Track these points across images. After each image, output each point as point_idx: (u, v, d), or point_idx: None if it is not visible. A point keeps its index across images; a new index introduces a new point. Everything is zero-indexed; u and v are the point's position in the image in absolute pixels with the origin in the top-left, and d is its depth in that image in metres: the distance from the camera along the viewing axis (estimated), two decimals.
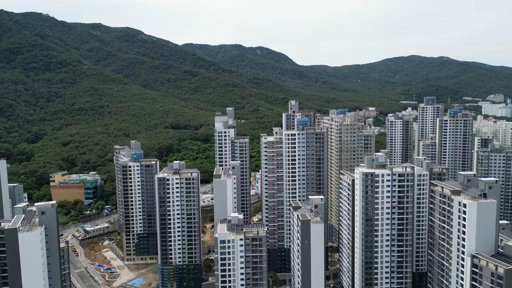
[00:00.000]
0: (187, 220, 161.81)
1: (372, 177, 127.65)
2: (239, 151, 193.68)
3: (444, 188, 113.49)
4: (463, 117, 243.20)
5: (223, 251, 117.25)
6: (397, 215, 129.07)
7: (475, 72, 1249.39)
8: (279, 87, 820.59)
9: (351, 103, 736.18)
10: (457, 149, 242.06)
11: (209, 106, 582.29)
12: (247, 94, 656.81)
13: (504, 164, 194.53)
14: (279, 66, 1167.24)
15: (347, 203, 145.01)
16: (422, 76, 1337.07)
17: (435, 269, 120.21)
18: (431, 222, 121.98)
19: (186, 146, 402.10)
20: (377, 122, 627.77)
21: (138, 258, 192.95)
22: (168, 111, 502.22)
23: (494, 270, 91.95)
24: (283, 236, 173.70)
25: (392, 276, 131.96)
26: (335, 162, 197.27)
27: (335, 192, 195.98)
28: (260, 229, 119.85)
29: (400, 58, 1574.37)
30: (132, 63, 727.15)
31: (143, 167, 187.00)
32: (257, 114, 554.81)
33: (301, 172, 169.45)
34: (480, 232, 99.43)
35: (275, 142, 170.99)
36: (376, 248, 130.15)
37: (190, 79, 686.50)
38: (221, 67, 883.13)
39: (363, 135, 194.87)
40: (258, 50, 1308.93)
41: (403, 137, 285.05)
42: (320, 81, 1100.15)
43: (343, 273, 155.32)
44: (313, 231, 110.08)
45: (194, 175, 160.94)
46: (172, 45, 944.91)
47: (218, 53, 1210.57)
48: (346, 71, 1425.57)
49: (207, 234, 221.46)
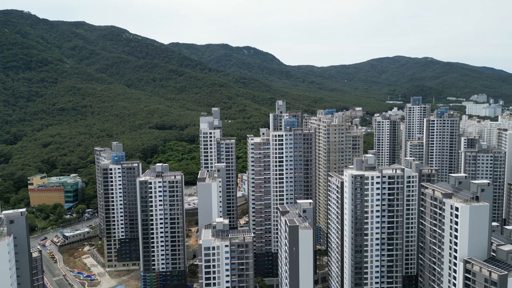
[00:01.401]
0: (171, 224, 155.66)
1: (361, 179, 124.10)
2: (225, 152, 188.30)
3: (435, 191, 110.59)
4: (450, 117, 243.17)
5: (207, 258, 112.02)
6: (387, 218, 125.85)
7: (458, 72, 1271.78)
8: (266, 87, 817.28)
9: (338, 103, 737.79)
10: (444, 150, 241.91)
11: (195, 106, 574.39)
12: (234, 94, 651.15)
13: (491, 165, 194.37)
14: (266, 66, 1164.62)
15: (335, 206, 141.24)
16: (407, 76, 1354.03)
17: (426, 273, 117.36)
18: (422, 226, 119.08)
19: (172, 147, 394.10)
20: (364, 122, 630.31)
21: (120, 265, 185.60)
22: (153, 111, 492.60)
23: (487, 276, 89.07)
24: (270, 240, 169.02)
25: (382, 280, 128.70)
26: (323, 163, 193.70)
27: (323, 194, 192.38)
28: (246, 235, 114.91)
29: (386, 59, 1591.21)
30: (116, 62, 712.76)
31: (125, 170, 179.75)
32: (244, 114, 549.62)
33: (288, 174, 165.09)
34: (473, 236, 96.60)
35: (262, 143, 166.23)
36: (366, 251, 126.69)
37: (176, 78, 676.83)
38: (208, 66, 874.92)
39: (351, 135, 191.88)
40: (245, 50, 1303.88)
41: (390, 138, 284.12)
42: (307, 81, 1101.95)
43: (332, 277, 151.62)
44: (302, 237, 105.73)
45: (177, 178, 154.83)
46: (158, 44, 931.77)
47: (205, 52, 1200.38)
48: (332, 71, 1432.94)
49: (192, 238, 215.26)
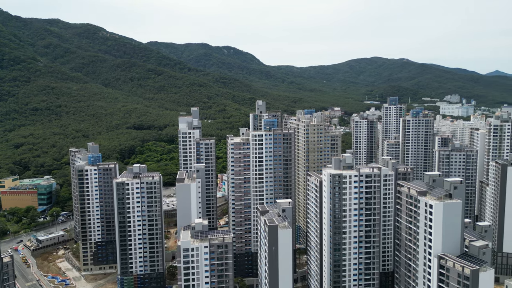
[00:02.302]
0: (149, 226, 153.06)
1: (339, 178, 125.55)
2: (204, 152, 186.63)
3: (410, 189, 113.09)
4: (425, 117, 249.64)
5: (186, 260, 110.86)
6: (364, 216, 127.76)
7: (433, 73, 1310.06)
8: (246, 87, 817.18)
9: (317, 103, 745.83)
10: (419, 149, 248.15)
11: (174, 105, 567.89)
12: (214, 93, 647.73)
13: (464, 163, 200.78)
14: (246, 66, 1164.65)
15: (315, 204, 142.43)
16: (384, 77, 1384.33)
17: (402, 270, 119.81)
18: (398, 223, 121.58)
19: (150, 147, 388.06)
20: (342, 122, 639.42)
21: (96, 268, 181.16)
22: (131, 111, 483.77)
23: (460, 271, 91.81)
24: (250, 240, 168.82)
25: (360, 277, 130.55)
26: (302, 162, 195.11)
27: (302, 193, 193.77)
28: (226, 236, 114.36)
29: (364, 60, 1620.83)
30: (92, 61, 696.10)
31: (101, 171, 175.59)
32: (224, 114, 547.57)
33: (268, 173, 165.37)
34: (446, 232, 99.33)
35: (242, 143, 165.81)
36: (344, 249, 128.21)
37: (155, 78, 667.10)
38: (187, 66, 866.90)
39: (329, 135, 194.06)
40: (225, 50, 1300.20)
41: (368, 137, 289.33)
42: (287, 81, 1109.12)
43: (311, 275, 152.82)
44: (281, 237, 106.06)
45: (156, 179, 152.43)
46: (136, 43, 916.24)
47: (184, 52, 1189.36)
48: (312, 71, 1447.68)
49: (171, 239, 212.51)
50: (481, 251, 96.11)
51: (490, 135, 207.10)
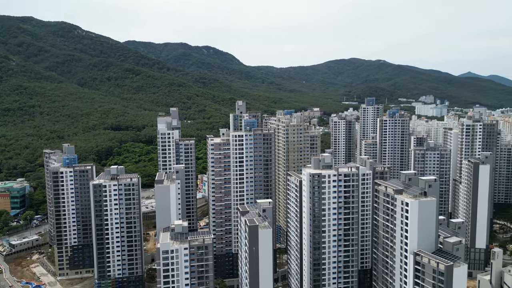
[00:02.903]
0: (127, 229, 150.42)
1: (319, 178, 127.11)
2: (184, 153, 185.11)
3: (387, 188, 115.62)
4: (401, 117, 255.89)
5: (166, 262, 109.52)
6: (343, 215, 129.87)
7: (408, 75, 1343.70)
8: (226, 87, 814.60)
9: (297, 103, 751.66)
10: (396, 148, 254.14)
11: (153, 106, 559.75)
12: (193, 94, 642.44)
13: (438, 162, 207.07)
14: (226, 66, 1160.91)
15: (294, 204, 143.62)
16: (362, 78, 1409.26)
17: (379, 267, 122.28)
18: (376, 221, 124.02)
19: (128, 148, 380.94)
20: (321, 122, 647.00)
21: (73, 273, 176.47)
22: (108, 111, 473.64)
23: (435, 267, 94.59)
24: (230, 240, 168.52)
25: (339, 275, 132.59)
26: (282, 162, 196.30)
27: (283, 193, 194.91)
28: (206, 237, 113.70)
29: (342, 61, 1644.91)
30: (67, 60, 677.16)
31: (77, 173, 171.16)
32: (204, 115, 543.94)
33: (249, 174, 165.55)
34: (422, 230, 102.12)
35: (222, 144, 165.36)
36: (324, 248, 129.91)
37: (133, 77, 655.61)
38: (166, 65, 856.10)
39: (309, 135, 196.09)
40: (205, 50, 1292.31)
41: (346, 137, 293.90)
42: (267, 81, 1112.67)
43: (291, 274, 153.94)
44: (261, 237, 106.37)
45: (134, 180, 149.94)
46: (113, 42, 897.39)
47: (163, 51, 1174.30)
48: (291, 72, 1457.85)
49: (150, 242, 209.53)
50: (455, 247, 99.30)
51: (463, 135, 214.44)
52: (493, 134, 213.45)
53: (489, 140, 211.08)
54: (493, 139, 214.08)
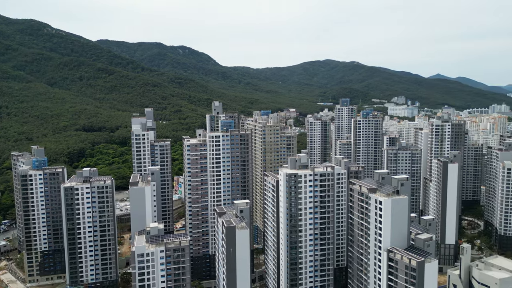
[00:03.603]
0: (101, 232, 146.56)
1: (295, 178, 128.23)
2: (159, 154, 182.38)
3: (361, 187, 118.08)
4: (374, 118, 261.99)
5: (141, 266, 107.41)
6: (319, 214, 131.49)
7: (381, 76, 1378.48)
8: (202, 87, 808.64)
9: (273, 104, 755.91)
10: (369, 148, 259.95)
11: (127, 106, 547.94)
12: (168, 94, 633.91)
13: (410, 161, 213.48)
14: (202, 66, 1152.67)
15: (271, 204, 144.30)
16: (337, 79, 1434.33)
17: (354, 265, 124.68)
18: (351, 220, 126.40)
19: (101, 150, 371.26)
20: (297, 122, 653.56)
21: (43, 279, 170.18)
22: (80, 112, 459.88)
23: (408, 263, 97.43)
24: (207, 242, 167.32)
25: (315, 274, 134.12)
26: (259, 163, 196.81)
27: (260, 194, 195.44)
28: (182, 239, 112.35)
29: (317, 62, 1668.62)
30: (36, 59, 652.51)
31: (47, 176, 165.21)
32: (180, 115, 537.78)
33: (226, 175, 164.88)
34: (395, 227, 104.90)
35: (199, 145, 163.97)
36: (301, 247, 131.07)
37: (106, 77, 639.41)
38: (140, 65, 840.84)
39: (285, 136, 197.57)
40: (180, 49, 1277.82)
41: (321, 137, 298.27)
42: (243, 82, 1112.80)
43: (268, 274, 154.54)
44: (238, 238, 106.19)
45: (107, 182, 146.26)
46: (84, 41, 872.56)
47: (137, 51, 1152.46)
48: (268, 73, 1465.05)
49: (125, 245, 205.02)
50: (426, 244, 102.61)
51: (433, 135, 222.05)
52: (461, 134, 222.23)
53: (457, 139, 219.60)
54: (461, 139, 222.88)
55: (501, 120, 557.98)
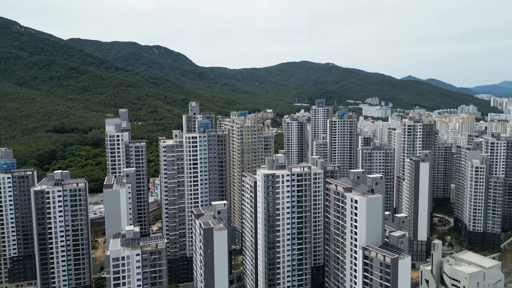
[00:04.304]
0: (73, 237, 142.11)
1: (273, 178, 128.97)
2: (134, 156, 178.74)
3: (337, 186, 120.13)
4: (349, 118, 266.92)
5: (116, 270, 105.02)
6: (296, 214, 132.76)
7: (356, 77, 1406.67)
8: (178, 87, 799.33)
9: (251, 105, 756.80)
10: (345, 148, 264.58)
11: (100, 107, 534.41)
12: (144, 94, 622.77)
13: (383, 160, 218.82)
14: (178, 67, 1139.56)
15: (249, 205, 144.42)
16: (313, 80, 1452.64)
17: (331, 263, 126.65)
18: (327, 219, 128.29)
19: (73, 152, 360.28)
20: (275, 123, 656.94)
21: (12, 286, 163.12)
22: (51, 112, 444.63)
23: (382, 260, 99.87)
24: (185, 244, 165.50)
25: (293, 273, 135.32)
26: (237, 164, 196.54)
27: (238, 194, 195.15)
28: (159, 241, 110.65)
29: (294, 63, 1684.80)
30: (4, 58, 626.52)
31: (16, 179, 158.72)
32: (156, 116, 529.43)
33: (203, 176, 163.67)
34: (370, 225, 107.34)
35: (175, 146, 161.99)
36: (278, 247, 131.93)
37: (78, 77, 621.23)
38: (114, 65, 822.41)
39: (263, 136, 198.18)
40: (155, 49, 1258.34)
41: (298, 138, 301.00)
42: (220, 83, 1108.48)
43: (246, 275, 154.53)
44: (216, 239, 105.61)
45: (80, 185, 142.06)
46: (55, 40, 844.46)
47: (111, 50, 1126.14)
48: (244, 73, 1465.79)
49: (99, 249, 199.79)
50: (399, 241, 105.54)
51: (405, 135, 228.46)
52: (432, 134, 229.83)
53: (428, 139, 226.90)
54: (432, 139, 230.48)
55: (469, 121, 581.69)
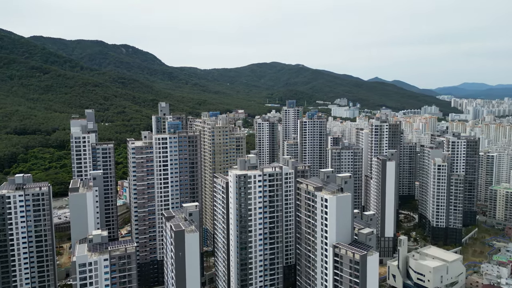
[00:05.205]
0: (37, 243, 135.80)
1: (245, 178, 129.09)
2: (102, 158, 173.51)
3: (308, 185, 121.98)
4: (319, 119, 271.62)
5: (83, 276, 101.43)
6: (268, 214, 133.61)
7: (325, 79, 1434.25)
8: (147, 88, 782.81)
9: (222, 105, 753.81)
10: (315, 148, 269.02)
11: (65, 107, 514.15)
12: (111, 94, 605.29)
13: (352, 159, 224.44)
14: (147, 66, 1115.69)
15: (221, 206, 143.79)
16: (283, 81, 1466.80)
17: (302, 261, 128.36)
18: (298, 218, 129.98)
19: (36, 154, 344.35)
20: (246, 124, 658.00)
21: None
22: (11, 113, 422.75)
23: (352, 257, 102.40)
24: (155, 248, 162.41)
25: (265, 273, 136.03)
26: (208, 165, 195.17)
27: (209, 196, 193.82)
28: (128, 245, 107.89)
29: (264, 64, 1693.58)
30: None
31: None
32: (124, 117, 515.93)
33: (174, 178, 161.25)
34: (340, 223, 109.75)
35: (145, 147, 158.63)
36: (251, 248, 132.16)
37: (40, 76, 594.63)
38: (79, 64, 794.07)
39: (234, 137, 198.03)
40: (123, 48, 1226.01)
41: (270, 138, 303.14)
42: (191, 83, 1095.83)
43: (219, 277, 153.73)
44: (188, 241, 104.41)
45: (44, 189, 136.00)
46: (16, 37, 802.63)
47: (76, 49, 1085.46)
48: (215, 74, 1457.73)
49: (65, 255, 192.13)
50: (368, 238, 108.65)
51: (372, 134, 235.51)
52: (397, 134, 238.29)
53: (394, 139, 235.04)
54: (397, 138, 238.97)
55: (431, 121, 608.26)
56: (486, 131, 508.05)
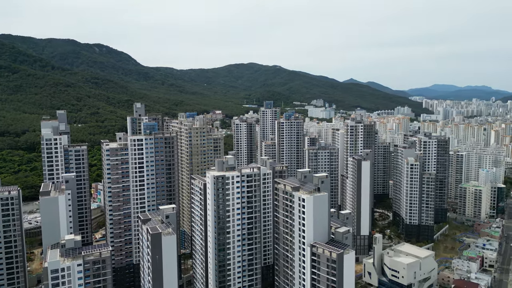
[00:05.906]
0: (6, 249, 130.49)
1: (223, 179, 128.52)
2: (75, 160, 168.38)
3: (286, 185, 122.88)
4: (296, 120, 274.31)
5: (55, 282, 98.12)
6: (247, 215, 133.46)
7: (302, 80, 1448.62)
8: (122, 88, 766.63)
9: (199, 106, 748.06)
10: (292, 148, 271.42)
11: (35, 108, 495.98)
12: (84, 95, 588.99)
13: (328, 159, 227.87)
14: (121, 66, 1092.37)
15: (199, 207, 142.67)
16: (260, 82, 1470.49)
17: (280, 261, 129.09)
18: (276, 218, 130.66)
19: (4, 157, 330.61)
20: (224, 124, 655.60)
21: None
22: None
23: (329, 256, 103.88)
24: (131, 251, 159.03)
25: (243, 274, 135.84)
26: (186, 166, 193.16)
27: (187, 198, 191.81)
28: (103, 250, 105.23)
29: (242, 65, 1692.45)
30: None
31: None
32: (98, 118, 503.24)
33: (150, 180, 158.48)
34: (317, 222, 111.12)
35: (119, 149, 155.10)
36: (229, 249, 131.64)
37: (9, 76, 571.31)
38: (50, 63, 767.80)
39: (212, 138, 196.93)
40: (97, 48, 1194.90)
41: (247, 139, 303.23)
42: (167, 83, 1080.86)
43: (197, 279, 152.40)
44: (165, 244, 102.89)
45: (13, 193, 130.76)
46: None
47: (46, 47, 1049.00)
48: (192, 74, 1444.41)
49: (36, 261, 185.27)
50: (344, 236, 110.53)
51: (348, 135, 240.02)
52: (372, 134, 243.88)
53: (369, 139, 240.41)
54: (372, 138, 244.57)
55: (404, 121, 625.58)
56: (456, 131, 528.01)
